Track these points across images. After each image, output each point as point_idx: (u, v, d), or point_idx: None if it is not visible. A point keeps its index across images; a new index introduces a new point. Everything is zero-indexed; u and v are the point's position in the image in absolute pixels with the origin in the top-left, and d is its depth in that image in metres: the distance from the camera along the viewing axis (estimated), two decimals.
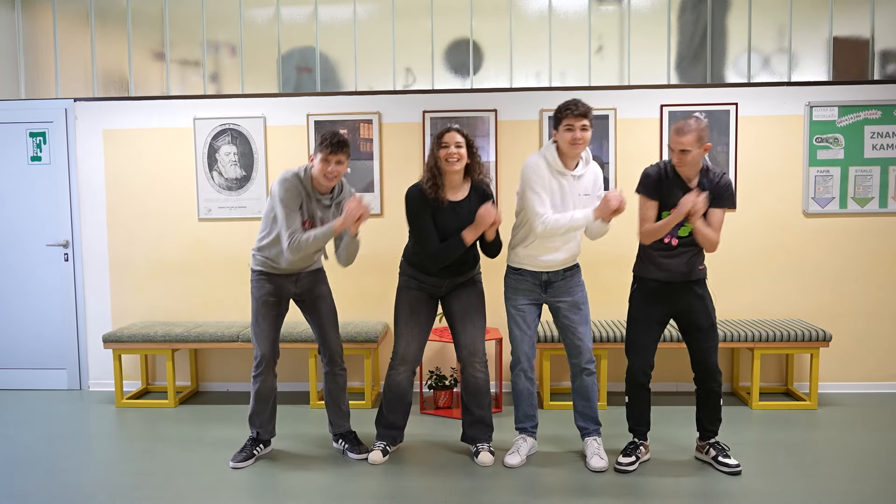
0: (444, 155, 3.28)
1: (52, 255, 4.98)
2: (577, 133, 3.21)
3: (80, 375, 5.03)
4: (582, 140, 3.22)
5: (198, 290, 4.91)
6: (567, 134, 3.23)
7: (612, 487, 3.21)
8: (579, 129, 3.21)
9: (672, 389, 4.76)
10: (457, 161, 3.28)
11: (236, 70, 4.85)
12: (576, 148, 3.25)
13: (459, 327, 3.51)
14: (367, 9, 4.77)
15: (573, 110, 3.21)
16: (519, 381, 3.54)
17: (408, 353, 3.52)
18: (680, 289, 3.33)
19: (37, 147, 4.94)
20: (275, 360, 3.58)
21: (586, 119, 3.23)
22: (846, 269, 4.71)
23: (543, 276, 3.44)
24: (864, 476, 3.32)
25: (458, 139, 3.29)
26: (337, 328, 3.65)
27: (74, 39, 4.88)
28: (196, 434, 4.04)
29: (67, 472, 3.48)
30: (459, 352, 3.53)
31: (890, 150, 4.63)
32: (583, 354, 3.45)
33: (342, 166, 3.32)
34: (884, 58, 4.64)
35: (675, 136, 3.16)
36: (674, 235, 3.28)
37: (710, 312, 3.35)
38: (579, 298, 3.46)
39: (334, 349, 3.63)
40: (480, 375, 3.52)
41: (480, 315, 3.53)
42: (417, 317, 3.51)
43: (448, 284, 3.49)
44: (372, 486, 3.27)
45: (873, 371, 4.74)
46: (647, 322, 3.38)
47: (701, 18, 4.68)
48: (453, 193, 3.37)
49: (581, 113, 3.21)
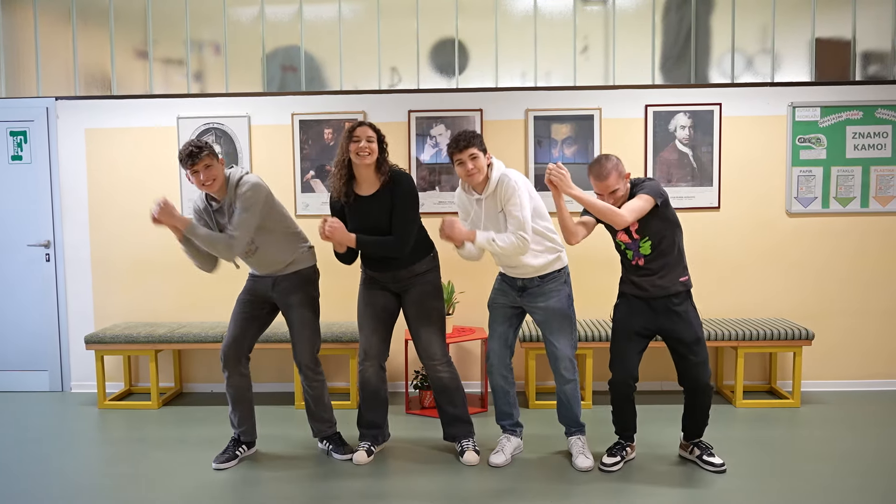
0: (354, 149, 3.28)
1: (34, 256, 4.93)
2: (467, 166, 3.27)
3: (62, 377, 4.97)
4: (475, 169, 3.28)
5: (181, 290, 4.88)
6: (460, 169, 3.31)
7: (598, 486, 3.22)
8: (469, 160, 3.26)
9: (657, 389, 4.78)
10: (367, 155, 3.28)
11: (220, 69, 4.81)
12: (472, 178, 3.31)
13: (414, 332, 3.53)
14: (352, 8, 4.76)
15: (455, 147, 3.28)
16: (491, 379, 3.58)
17: (369, 347, 3.52)
18: (661, 303, 3.29)
19: (17, 146, 4.88)
20: (236, 359, 3.53)
21: (471, 149, 3.26)
22: (828, 269, 4.75)
23: (519, 282, 3.46)
24: (846, 473, 3.34)
25: (370, 133, 3.30)
26: (305, 339, 3.53)
27: (56, 37, 4.83)
28: (180, 435, 4.01)
29: (49, 475, 3.44)
30: (419, 355, 3.55)
31: (871, 151, 4.68)
32: (558, 361, 3.43)
33: (210, 170, 3.26)
34: (865, 59, 4.69)
35: (597, 181, 3.19)
36: (639, 256, 3.29)
37: (695, 326, 3.27)
38: (555, 305, 3.40)
39: (300, 360, 3.55)
40: (444, 375, 3.53)
41: (432, 316, 3.51)
42: (373, 309, 3.51)
43: (392, 278, 3.48)
44: (357, 487, 3.26)
45: (855, 369, 4.79)
46: (628, 334, 3.35)
47: (685, 19, 4.70)
48: (363, 188, 3.39)
49: (463, 147, 3.26)
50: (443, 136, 4.73)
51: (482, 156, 3.29)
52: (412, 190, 3.38)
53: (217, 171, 3.29)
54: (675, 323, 3.27)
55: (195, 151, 3.22)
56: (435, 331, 3.51)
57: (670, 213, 3.26)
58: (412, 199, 3.37)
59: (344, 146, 3.33)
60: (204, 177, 3.25)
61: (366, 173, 3.36)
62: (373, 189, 3.38)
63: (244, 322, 3.54)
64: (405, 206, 3.35)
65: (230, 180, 3.35)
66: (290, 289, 3.52)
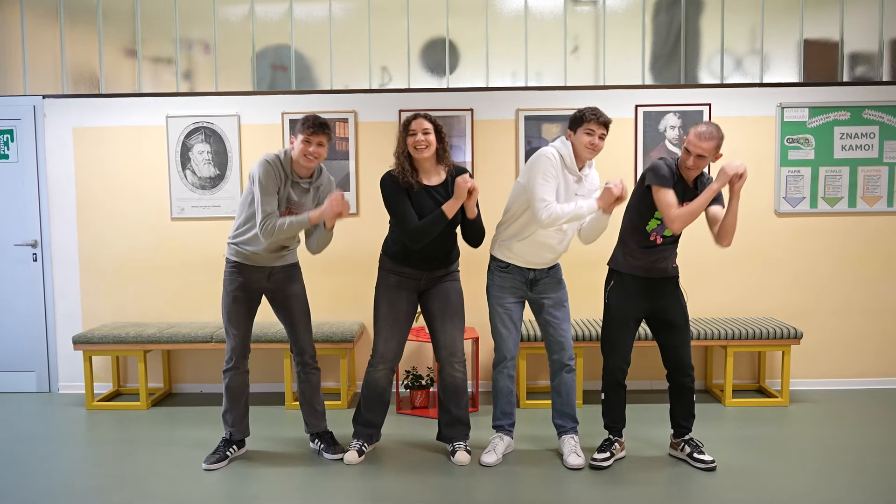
0: (412, 143, 3.29)
1: (21, 256, 4.88)
2: (595, 139, 3.28)
3: (50, 377, 4.93)
4: (598, 147, 3.30)
5: (170, 290, 4.85)
6: (586, 137, 3.28)
7: (589, 485, 3.23)
8: (598, 136, 3.28)
9: (646, 388, 4.80)
10: (425, 148, 3.29)
11: (210, 67, 4.79)
12: (591, 152, 3.32)
13: (438, 326, 3.49)
14: (342, 7, 4.74)
15: (598, 117, 3.26)
16: (501, 379, 3.54)
17: (387, 350, 3.50)
18: (657, 284, 3.38)
19: (4, 145, 4.83)
20: (245, 356, 3.54)
21: (606, 129, 3.29)
22: (816, 268, 4.79)
23: (530, 273, 3.46)
24: (834, 470, 3.37)
25: (426, 126, 3.30)
26: (309, 327, 3.61)
27: (43, 35, 4.78)
28: (169, 436, 3.98)
29: (37, 476, 3.41)
30: (438, 352, 3.52)
31: (859, 151, 4.72)
32: (565, 351, 3.48)
33: (323, 148, 3.32)
34: (853, 60, 4.73)
35: (697, 140, 3.17)
36: (660, 234, 3.32)
37: (685, 309, 3.42)
38: (562, 295, 3.51)
39: (306, 348, 3.59)
40: (459, 375, 3.52)
41: (459, 314, 3.52)
42: (396, 313, 3.47)
43: (427, 277, 3.46)
44: (348, 487, 3.25)
45: (842, 368, 4.83)
46: (624, 319, 3.40)
47: (675, 20, 4.72)
48: (428, 178, 3.38)
49: (603, 122, 3.27)
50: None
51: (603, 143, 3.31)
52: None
53: (325, 154, 3.37)
54: (668, 303, 3.39)
55: (325, 124, 3.30)
56: (461, 327, 3.52)
57: None
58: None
59: (401, 140, 3.34)
60: (314, 150, 3.30)
61: (427, 164, 3.36)
62: (439, 179, 3.38)
63: (247, 319, 3.53)
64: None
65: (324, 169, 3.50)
66: (289, 279, 3.54)
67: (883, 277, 4.77)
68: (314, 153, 3.29)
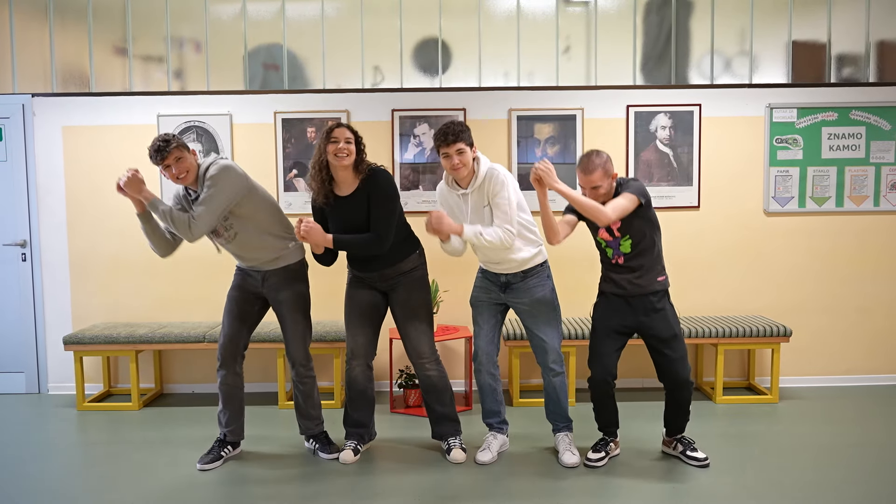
0: (332, 150, 3.27)
1: (9, 256, 4.84)
2: (453, 160, 3.27)
3: (39, 379, 4.89)
4: (461, 163, 3.28)
5: (162, 290, 4.82)
6: (446, 162, 3.31)
7: (584, 483, 3.25)
8: (455, 154, 3.26)
9: (637, 386, 4.83)
10: (346, 156, 3.27)
11: (201, 66, 4.77)
12: (457, 173, 3.32)
13: (402, 331, 3.53)
14: (335, 6, 4.74)
15: (443, 140, 3.27)
16: (478, 377, 3.58)
17: (356, 346, 3.52)
18: (639, 302, 3.34)
19: None
20: (234, 357, 3.52)
21: (459, 143, 3.26)
22: (805, 267, 4.84)
23: (502, 277, 3.48)
24: (825, 466, 3.42)
25: (348, 134, 3.29)
26: (300, 335, 3.54)
27: (32, 33, 4.74)
28: (161, 436, 3.96)
29: (28, 478, 3.38)
30: (408, 354, 3.56)
31: (846, 151, 4.78)
32: (547, 354, 3.45)
33: (183, 161, 3.24)
34: (840, 61, 4.79)
35: (582, 175, 3.22)
36: (619, 255, 3.33)
37: (672, 323, 3.33)
38: (541, 298, 3.44)
39: (293, 357, 3.55)
40: (433, 374, 3.53)
41: (420, 315, 3.51)
42: (360, 308, 3.51)
43: (379, 277, 3.47)
44: (344, 486, 3.25)
45: (831, 365, 4.88)
46: (607, 332, 3.38)
47: (665, 21, 4.76)
48: (341, 189, 3.37)
49: (451, 141, 3.25)
50: (426, 135, 4.74)
51: (469, 150, 3.29)
52: (389, 185, 3.35)
53: (189, 163, 3.26)
54: (652, 320, 3.32)
55: (162, 146, 3.19)
56: (424, 329, 3.51)
57: (651, 214, 3.30)
58: (389, 194, 3.34)
59: (322, 147, 3.30)
60: (177, 170, 3.23)
61: (344, 174, 3.34)
62: (351, 189, 3.36)
63: (238, 320, 3.52)
64: (382, 201, 3.31)
65: (200, 168, 3.31)
66: (280, 284, 3.50)
67: (870, 276, 4.83)
68: (177, 173, 3.24)
